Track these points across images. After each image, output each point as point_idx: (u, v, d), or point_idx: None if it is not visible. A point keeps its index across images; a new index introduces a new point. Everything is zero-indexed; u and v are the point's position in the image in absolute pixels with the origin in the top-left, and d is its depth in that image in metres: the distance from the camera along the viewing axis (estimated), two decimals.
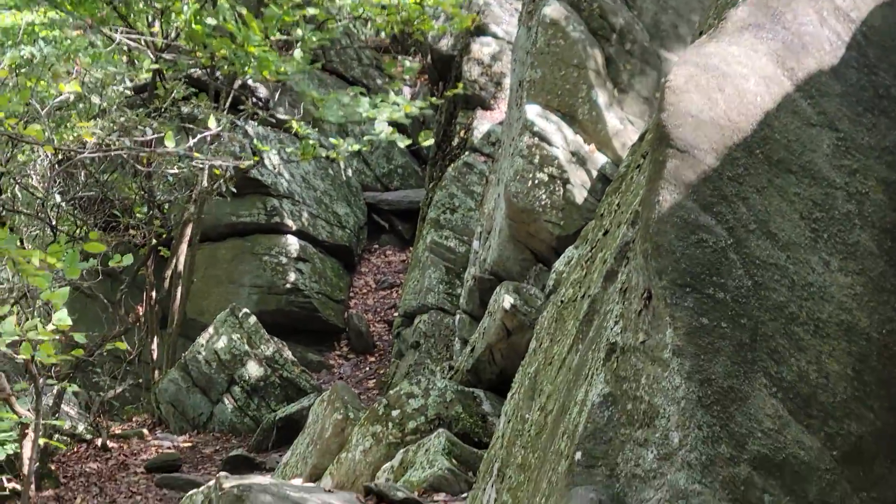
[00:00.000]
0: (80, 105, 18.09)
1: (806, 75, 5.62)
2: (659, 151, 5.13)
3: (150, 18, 18.23)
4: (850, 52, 5.89)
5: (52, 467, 14.44)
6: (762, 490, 4.38)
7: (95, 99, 15.54)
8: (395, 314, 18.11)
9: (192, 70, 17.51)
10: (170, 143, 11.13)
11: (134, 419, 17.27)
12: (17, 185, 16.04)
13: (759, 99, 5.39)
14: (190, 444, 15.90)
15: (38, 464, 11.39)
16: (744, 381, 4.61)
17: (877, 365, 4.53)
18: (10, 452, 10.56)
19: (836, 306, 4.78)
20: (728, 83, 5.40)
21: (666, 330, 4.72)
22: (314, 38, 17.60)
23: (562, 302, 7.12)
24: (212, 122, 12.83)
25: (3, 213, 15.62)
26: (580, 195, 12.43)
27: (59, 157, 13.96)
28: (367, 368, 18.20)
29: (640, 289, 4.95)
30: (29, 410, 10.28)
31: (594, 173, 12.71)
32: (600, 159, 12.80)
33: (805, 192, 5.25)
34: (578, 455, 4.66)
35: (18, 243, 14.23)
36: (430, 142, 14.78)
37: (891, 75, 5.84)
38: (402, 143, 14.11)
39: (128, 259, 8.89)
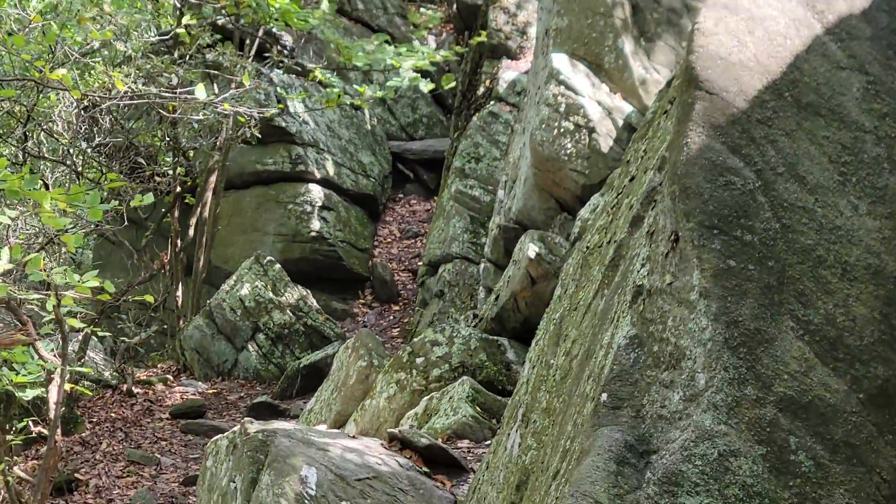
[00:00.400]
0: (106, 52, 18.21)
1: (836, 18, 5.66)
2: (687, 94, 5.14)
3: None
4: (877, 13, 5.91)
5: (78, 412, 14.60)
6: (788, 432, 4.37)
7: (121, 46, 15.48)
8: (420, 263, 18.24)
9: (218, 17, 17.56)
10: (200, 93, 11.22)
11: (159, 366, 17.58)
12: (42, 131, 16.08)
13: (788, 41, 5.45)
14: (214, 391, 16.10)
15: (64, 409, 11.53)
16: (770, 323, 4.57)
17: None
18: (36, 395, 10.68)
19: (863, 250, 4.78)
20: (757, 25, 5.44)
21: (693, 272, 4.69)
22: None
23: (587, 248, 7.08)
24: (246, 80, 12.92)
25: (29, 158, 15.71)
26: (606, 144, 12.41)
27: (85, 103, 14.00)
28: (391, 317, 18.34)
29: (667, 231, 4.86)
30: (55, 356, 10.33)
31: (620, 122, 12.72)
32: (626, 108, 12.79)
33: (834, 135, 5.24)
34: (604, 396, 4.63)
35: (42, 188, 14.32)
36: (452, 84, 14.74)
37: None
38: (426, 87, 14.13)
39: (148, 199, 8.94)
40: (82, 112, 14.58)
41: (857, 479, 4.11)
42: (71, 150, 16.20)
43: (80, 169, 16.41)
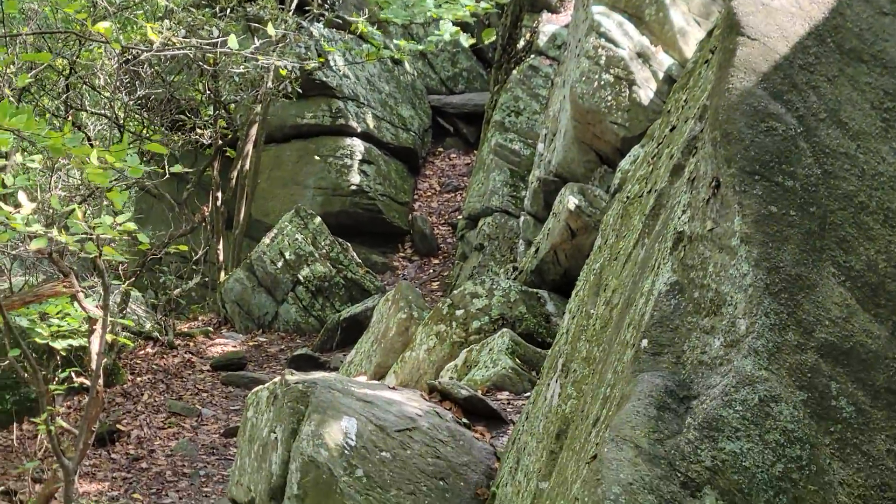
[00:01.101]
0: (146, 5, 18.26)
1: None
2: (729, 40, 5.17)
3: None
4: None
5: (120, 364, 14.82)
6: (829, 377, 4.38)
7: (162, 0, 15.62)
8: (459, 217, 18.26)
9: None
10: (233, 43, 11.32)
11: (200, 318, 17.80)
12: (84, 85, 16.27)
13: None
14: (255, 344, 16.25)
15: (105, 360, 11.64)
16: (812, 269, 4.58)
17: None
18: (78, 346, 10.83)
19: None
20: None
21: (734, 218, 4.70)
22: None
23: (627, 198, 7.07)
24: (270, 31, 13.03)
25: (71, 111, 15.91)
26: (646, 96, 12.35)
27: (126, 56, 14.12)
28: (431, 270, 18.44)
29: (708, 177, 4.90)
30: (97, 307, 10.44)
31: (660, 74, 12.64)
32: (666, 60, 12.68)
33: (876, 81, 5.25)
34: (644, 343, 4.67)
35: (85, 142, 14.50)
36: (493, 38, 14.80)
37: None
38: (466, 41, 14.22)
39: (179, 168, 9.34)
40: (123, 65, 14.71)
41: None
42: (112, 104, 16.37)
43: (121, 122, 16.57)
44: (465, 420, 9.11)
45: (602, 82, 12.28)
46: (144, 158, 15.04)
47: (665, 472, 4.42)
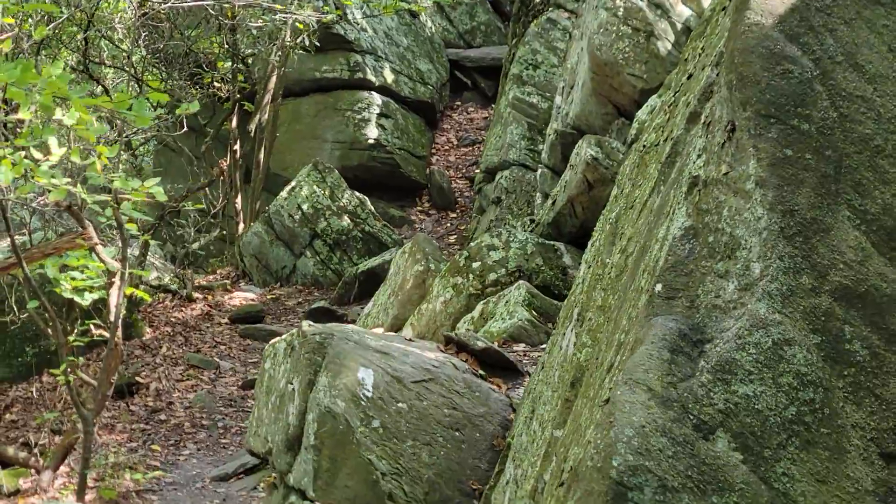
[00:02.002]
0: None
1: None
2: None
3: None
4: None
5: (139, 317, 15.01)
6: (843, 321, 4.39)
7: None
8: (476, 171, 18.43)
9: None
10: None
11: (218, 272, 18.07)
12: (102, 38, 16.44)
13: None
14: (273, 297, 16.51)
15: (124, 312, 11.72)
16: (827, 212, 4.59)
17: None
18: (96, 299, 10.88)
19: None
20: None
21: (749, 161, 4.69)
22: None
23: (643, 147, 7.07)
24: None
25: (90, 64, 16.17)
26: (664, 48, 12.34)
27: (145, 9, 14.26)
28: (448, 224, 18.57)
29: (723, 121, 4.91)
30: (115, 260, 10.53)
31: (679, 26, 12.62)
32: (685, 12, 12.69)
33: (894, 24, 5.15)
34: (658, 287, 4.71)
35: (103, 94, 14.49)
36: None
37: None
38: None
39: (194, 107, 9.20)
40: (142, 18, 14.90)
41: None
42: (131, 57, 16.51)
43: (140, 76, 16.70)
44: (481, 372, 9.18)
45: (620, 34, 12.27)
46: (159, 109, 15.31)
47: (678, 414, 4.44)
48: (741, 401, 4.50)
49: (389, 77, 19.25)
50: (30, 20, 13.10)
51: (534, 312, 10.38)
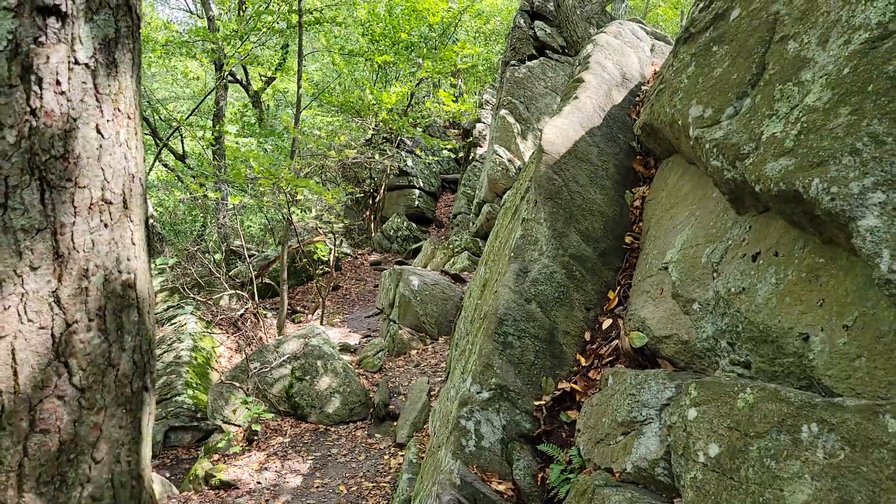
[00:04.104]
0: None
1: (589, 129, 9.49)
2: (539, 154, 8.93)
3: None
4: (604, 126, 9.67)
5: (339, 264, 32.60)
6: (573, 267, 8.41)
7: None
8: (451, 213, 37.59)
9: None
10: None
11: (366, 248, 36.75)
12: (327, 171, 34.48)
13: (572, 134, 9.31)
14: (384, 257, 32.33)
15: (334, 261, 29.46)
16: (567, 229, 8.37)
17: None
18: (325, 259, 28.64)
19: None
20: (562, 132, 9.30)
21: (541, 212, 8.39)
22: None
23: (505, 207, 10.83)
24: (389, 150, 26.79)
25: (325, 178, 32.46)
26: (513, 173, 23.61)
27: (342, 161, 32.39)
28: (441, 232, 38.33)
29: (533, 199, 8.39)
30: (329, 244, 32.25)
31: (517, 166, 23.66)
32: (518, 162, 24.08)
33: (587, 169, 8.97)
34: (512, 254, 8.29)
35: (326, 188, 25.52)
36: None
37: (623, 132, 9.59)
38: None
39: (355, 192, 30.95)
40: (340, 169, 33.74)
41: None
42: (336, 177, 32.46)
43: (338, 183, 31.48)
44: (453, 281, 19.52)
45: (499, 168, 22.78)
46: (345, 194, 28.42)
47: (519, 296, 7.91)
48: (539, 291, 8.00)
49: (420, 183, 37.37)
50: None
51: (468, 262, 21.53)
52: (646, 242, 8.19)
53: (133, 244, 4.24)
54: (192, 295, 21.59)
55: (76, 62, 4.06)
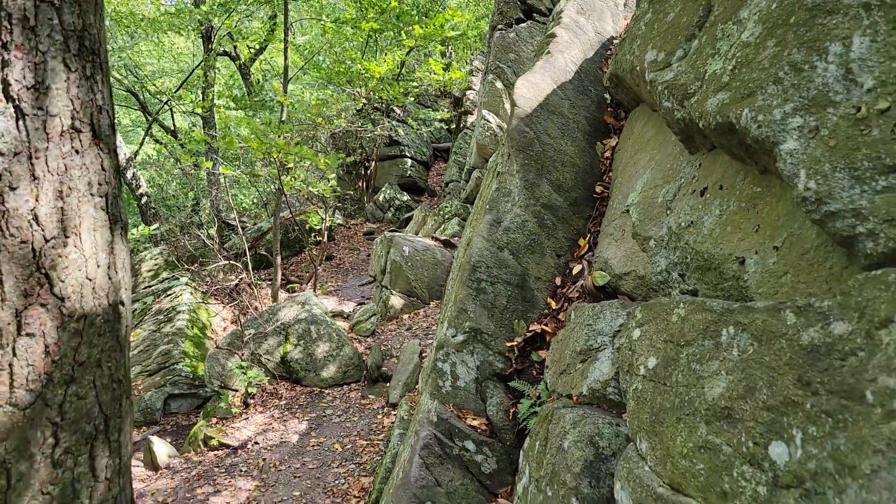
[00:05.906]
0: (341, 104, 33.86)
1: (561, 83, 9.59)
2: (512, 108, 8.99)
3: None
4: (575, 80, 9.78)
5: (332, 232, 31.94)
6: (543, 214, 8.73)
7: None
8: (443, 182, 36.56)
9: None
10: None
11: (358, 217, 36.15)
12: (318, 140, 34.24)
13: (544, 88, 9.40)
14: (377, 226, 32.25)
15: (327, 230, 30.17)
16: (539, 180, 8.47)
17: None
18: (318, 227, 28.47)
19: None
20: (534, 86, 9.36)
21: (514, 164, 8.50)
22: None
23: (489, 168, 10.83)
24: (385, 122, 28.47)
25: (318, 145, 33.17)
26: (500, 137, 22.55)
27: (333, 131, 32.59)
28: (433, 201, 35.69)
29: (507, 152, 8.57)
30: (322, 214, 26.35)
31: (503, 132, 21.16)
32: (504, 125, 23.03)
33: (558, 120, 9.06)
34: (488, 206, 8.50)
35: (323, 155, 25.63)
36: None
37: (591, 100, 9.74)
38: None
39: (349, 159, 33.64)
40: (330, 138, 34.20)
41: None
42: (326, 145, 32.78)
43: (329, 150, 31.92)
44: (443, 247, 19.37)
45: (488, 133, 22.51)
46: (339, 162, 29.01)
47: (492, 245, 8.09)
48: (511, 239, 8.15)
49: (412, 153, 36.34)
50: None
51: (458, 227, 22.03)
52: (613, 190, 8.35)
53: (104, 170, 4.45)
54: (186, 266, 21.76)
55: (42, 0, 4.22)
